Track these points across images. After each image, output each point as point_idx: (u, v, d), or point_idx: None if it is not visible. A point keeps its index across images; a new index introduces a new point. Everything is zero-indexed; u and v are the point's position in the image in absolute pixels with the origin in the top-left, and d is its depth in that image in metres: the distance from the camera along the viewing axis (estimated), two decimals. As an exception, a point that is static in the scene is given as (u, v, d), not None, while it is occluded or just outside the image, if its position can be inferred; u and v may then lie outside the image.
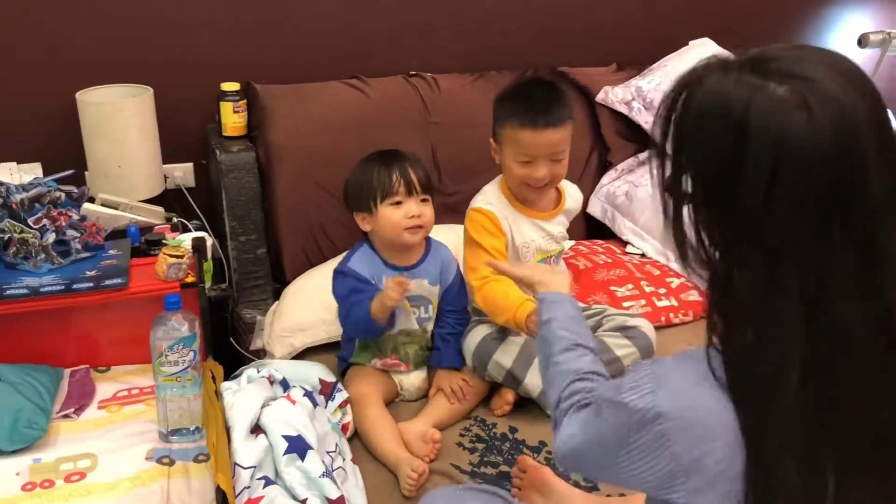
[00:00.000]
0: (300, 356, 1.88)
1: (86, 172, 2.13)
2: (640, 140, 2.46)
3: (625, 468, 0.90)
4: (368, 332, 1.69)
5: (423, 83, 2.32)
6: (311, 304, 1.91)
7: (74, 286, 1.64)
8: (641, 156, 2.48)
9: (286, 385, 1.61)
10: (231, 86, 2.16)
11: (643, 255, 2.30)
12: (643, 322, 1.79)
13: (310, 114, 2.17)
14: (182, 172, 2.31)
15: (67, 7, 2.11)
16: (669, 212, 0.88)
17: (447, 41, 2.45)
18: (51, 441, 1.56)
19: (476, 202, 1.76)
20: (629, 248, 2.33)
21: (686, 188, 0.86)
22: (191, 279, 1.70)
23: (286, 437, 1.43)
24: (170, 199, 2.26)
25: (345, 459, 1.54)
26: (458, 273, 1.80)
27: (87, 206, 1.90)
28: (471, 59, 2.43)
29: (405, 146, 1.81)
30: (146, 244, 1.86)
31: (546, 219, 1.81)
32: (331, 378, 1.69)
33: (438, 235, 1.82)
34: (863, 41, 2.68)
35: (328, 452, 1.49)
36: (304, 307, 1.93)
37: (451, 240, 1.86)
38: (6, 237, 1.68)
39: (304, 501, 1.35)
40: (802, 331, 0.79)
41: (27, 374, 1.64)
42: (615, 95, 2.45)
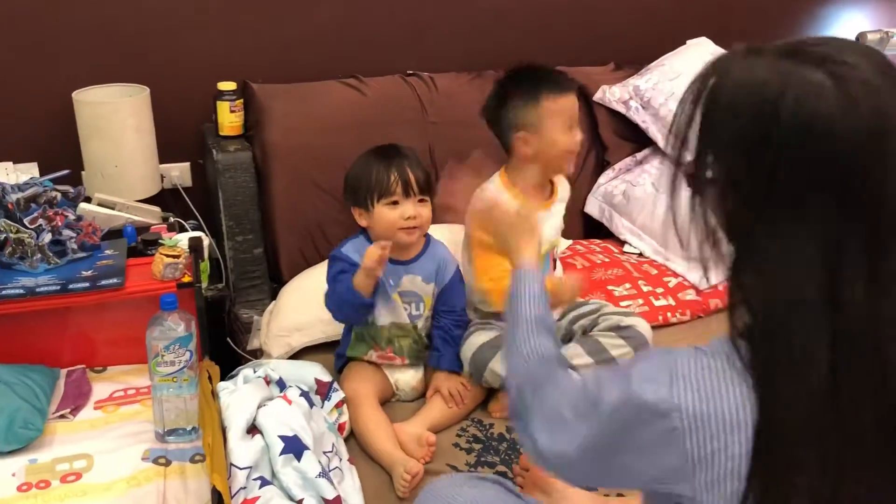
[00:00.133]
0: (297, 356, 1.87)
1: (82, 172, 2.12)
2: (638, 139, 2.46)
3: (621, 465, 0.88)
4: (352, 308, 1.68)
5: (421, 82, 2.31)
6: (309, 304, 1.90)
7: (70, 286, 1.64)
8: (639, 155, 2.48)
9: (283, 385, 1.61)
10: (228, 85, 2.15)
11: (640, 255, 2.30)
12: (639, 321, 1.78)
13: (307, 113, 2.17)
14: (179, 172, 2.30)
15: (64, 6, 2.10)
16: (689, 199, 0.87)
17: (445, 40, 2.45)
18: (47, 441, 1.56)
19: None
20: (626, 248, 2.33)
21: (711, 174, 0.84)
22: (187, 279, 1.70)
23: (282, 438, 1.43)
24: (166, 199, 2.25)
25: (341, 459, 1.54)
26: (456, 273, 1.79)
27: (84, 206, 1.90)
28: (468, 59, 2.42)
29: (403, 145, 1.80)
30: (143, 244, 1.86)
31: (547, 208, 1.83)
32: (327, 378, 1.69)
33: (434, 234, 1.81)
34: (861, 40, 2.68)
35: (325, 452, 1.49)
36: (302, 307, 1.92)
37: (446, 237, 1.86)
38: (2, 237, 1.67)
39: (301, 502, 1.35)
40: (829, 317, 0.77)
41: (23, 375, 1.64)
42: (613, 95, 2.44)
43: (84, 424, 1.62)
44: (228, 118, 2.16)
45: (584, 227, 2.45)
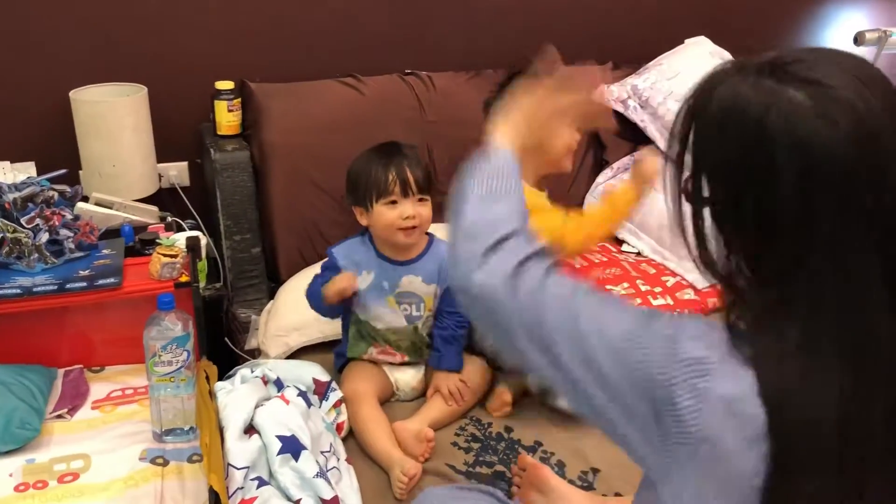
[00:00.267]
0: (295, 355, 1.87)
1: (80, 171, 2.12)
2: (636, 139, 2.46)
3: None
4: (319, 308, 1.73)
5: (419, 82, 2.31)
6: (306, 304, 1.90)
7: (68, 286, 1.63)
8: (637, 154, 2.48)
9: (280, 385, 1.61)
10: (225, 84, 2.15)
11: (639, 254, 2.30)
12: None
13: (305, 112, 2.16)
14: (176, 171, 2.30)
15: (61, 5, 2.09)
16: (686, 219, 0.86)
17: (443, 39, 2.44)
18: (44, 441, 1.56)
19: None
20: (625, 247, 2.33)
21: (705, 194, 0.84)
22: (185, 278, 1.70)
23: (280, 438, 1.43)
24: (164, 199, 2.25)
25: (339, 459, 1.54)
26: None
27: (81, 206, 1.89)
28: (466, 58, 2.42)
29: (400, 144, 1.80)
30: (140, 243, 1.85)
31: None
32: (325, 378, 1.68)
33: (438, 233, 1.81)
34: (859, 39, 2.68)
35: (322, 452, 1.49)
36: (299, 306, 1.91)
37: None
38: (-1, 237, 1.67)
39: (298, 502, 1.35)
40: (832, 332, 0.76)
41: (20, 375, 1.64)
42: (611, 94, 2.44)
43: (81, 424, 1.62)
44: (226, 117, 2.16)
45: (582, 227, 2.44)
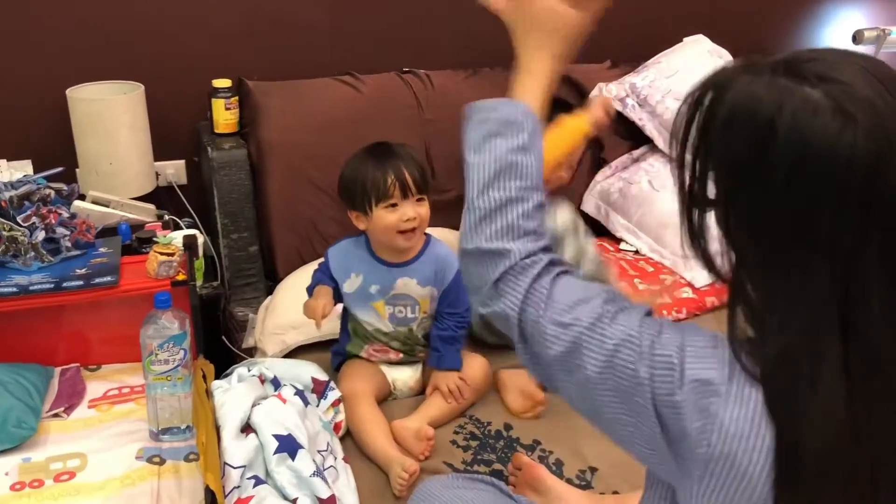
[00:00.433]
0: (292, 354, 1.87)
1: (76, 169, 2.11)
2: (635, 137, 2.46)
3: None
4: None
5: (417, 80, 2.30)
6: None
7: (64, 284, 1.63)
8: (636, 153, 2.48)
9: (277, 384, 1.60)
10: (223, 82, 2.15)
11: (637, 252, 2.29)
12: None
13: (302, 110, 2.16)
14: (174, 170, 2.29)
15: (58, 3, 2.09)
16: (694, 217, 0.85)
17: (441, 37, 2.44)
18: (40, 440, 1.56)
19: None
20: (623, 246, 2.33)
21: (711, 193, 0.82)
22: (182, 277, 1.69)
23: (276, 437, 1.42)
24: (161, 197, 2.24)
25: (336, 458, 1.53)
26: (458, 272, 1.75)
27: (78, 204, 1.89)
28: (465, 56, 2.42)
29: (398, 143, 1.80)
30: (137, 242, 1.85)
31: None
32: (323, 377, 1.68)
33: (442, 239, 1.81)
34: (857, 38, 2.68)
35: (319, 451, 1.48)
36: (298, 304, 1.90)
37: (446, 238, 1.85)
38: (-5, 235, 1.66)
39: (295, 501, 1.34)
40: (836, 341, 0.75)
41: (17, 373, 1.63)
42: (609, 92, 2.44)
43: (78, 423, 1.62)
44: (223, 115, 2.16)
45: (581, 225, 2.44)
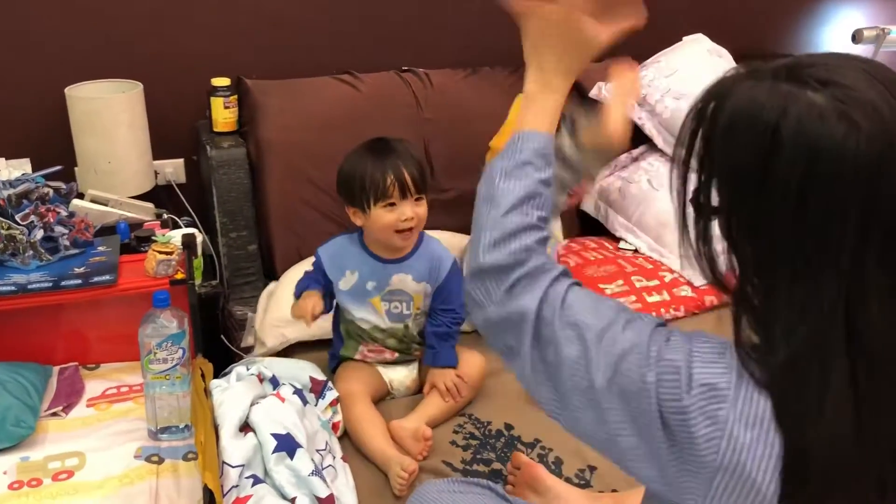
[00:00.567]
0: (291, 352, 1.86)
1: (75, 168, 2.11)
2: (634, 136, 2.45)
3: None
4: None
5: (416, 79, 2.30)
6: None
7: (63, 283, 1.63)
8: (635, 152, 2.47)
9: (276, 383, 1.60)
10: (221, 81, 2.14)
11: (636, 252, 2.29)
12: None
13: (301, 109, 2.16)
14: (172, 168, 2.29)
15: (57, 2, 2.09)
16: (694, 226, 0.84)
17: (440, 36, 2.43)
18: (39, 439, 1.55)
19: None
20: (622, 245, 2.32)
21: (713, 201, 0.81)
22: (180, 276, 1.69)
23: (275, 436, 1.42)
24: (160, 196, 2.24)
25: (335, 458, 1.53)
26: (453, 269, 1.74)
27: (77, 203, 1.89)
28: (464, 55, 2.41)
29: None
30: (136, 241, 1.85)
31: None
32: (321, 376, 1.68)
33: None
34: (857, 37, 2.67)
35: (318, 451, 1.48)
36: None
37: (443, 239, 1.85)
38: (-7, 234, 1.66)
39: (293, 500, 1.34)
40: (841, 347, 0.74)
41: (15, 372, 1.63)
42: (608, 91, 2.44)
43: (76, 422, 1.61)
44: (222, 114, 2.15)
45: (581, 225, 2.44)
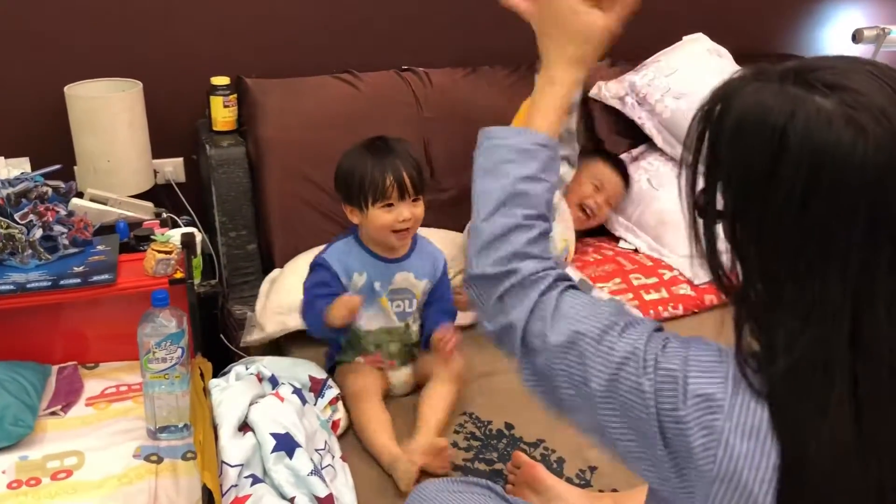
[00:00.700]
0: (291, 344, 1.87)
1: (74, 167, 2.11)
2: (634, 136, 2.46)
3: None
4: (322, 333, 1.65)
5: (416, 78, 2.30)
6: None
7: (62, 282, 1.62)
8: (635, 151, 2.47)
9: (275, 382, 1.60)
10: (221, 80, 2.14)
11: (636, 251, 2.29)
12: None
13: (301, 108, 2.15)
14: (172, 167, 2.29)
15: (56, 0, 2.08)
16: (699, 229, 0.83)
17: (439, 35, 2.43)
18: (38, 438, 1.55)
19: None
20: (622, 244, 2.32)
21: (719, 205, 0.81)
22: (179, 275, 1.69)
23: (274, 435, 1.42)
24: (159, 195, 2.24)
25: (334, 457, 1.53)
26: (444, 269, 1.77)
27: (76, 202, 1.88)
28: (463, 54, 2.41)
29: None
30: (135, 240, 1.84)
31: None
32: (321, 375, 1.67)
33: (437, 241, 1.81)
34: (857, 37, 2.67)
35: (317, 450, 1.48)
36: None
37: (450, 252, 1.86)
38: (-8, 233, 1.66)
39: (293, 500, 1.34)
40: (845, 354, 0.73)
41: (14, 371, 1.63)
42: (608, 90, 2.43)
43: (75, 421, 1.61)
44: (222, 113, 2.15)
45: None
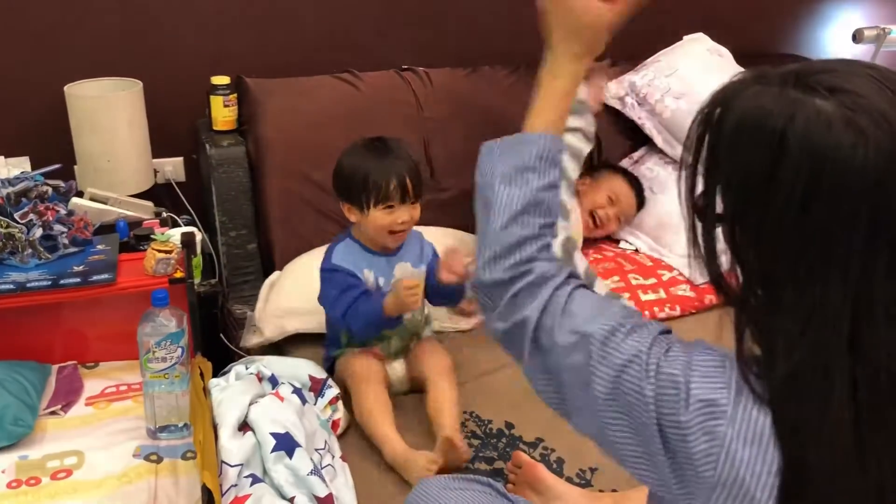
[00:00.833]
0: (290, 343, 1.87)
1: (74, 167, 2.11)
2: (634, 136, 2.46)
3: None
4: (377, 327, 1.69)
5: (416, 77, 2.30)
6: (310, 290, 1.84)
7: (62, 281, 1.62)
8: (635, 155, 2.48)
9: (275, 382, 1.60)
10: (221, 79, 2.14)
11: (636, 251, 2.29)
12: None
13: (301, 108, 2.15)
14: (172, 167, 2.29)
15: (56, 0, 2.09)
16: (698, 231, 0.83)
17: (439, 35, 2.43)
18: (37, 438, 1.55)
19: None
20: (622, 245, 2.32)
21: (718, 208, 0.81)
22: (179, 275, 1.69)
23: (274, 435, 1.42)
24: (159, 194, 2.24)
25: (334, 457, 1.53)
26: (434, 254, 1.79)
27: (76, 201, 1.88)
28: (463, 54, 2.41)
29: (397, 141, 1.80)
30: (135, 239, 1.84)
31: None
32: (321, 375, 1.67)
33: (437, 238, 1.82)
34: (857, 37, 2.68)
35: (317, 450, 1.48)
36: (303, 289, 1.87)
37: (446, 244, 1.85)
38: (-8, 232, 1.66)
39: (292, 500, 1.34)
40: (844, 359, 0.73)
41: (14, 371, 1.63)
42: (608, 91, 2.43)
43: (75, 421, 1.61)
44: (222, 113, 2.15)
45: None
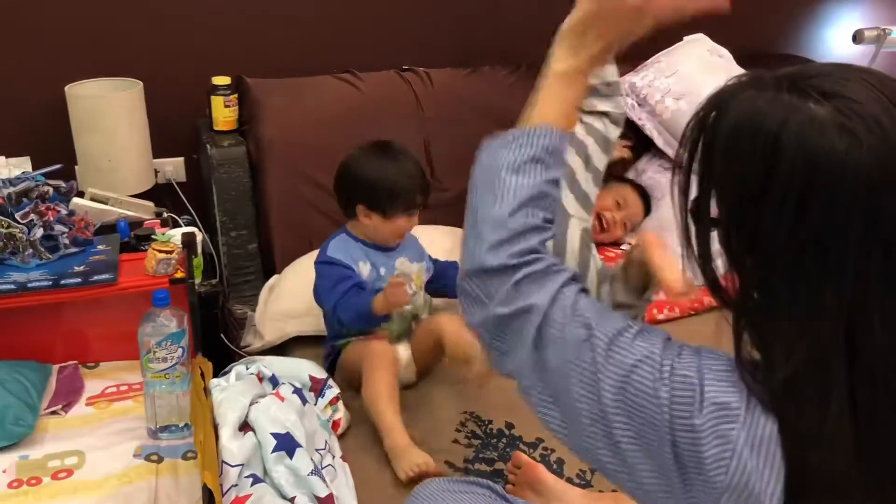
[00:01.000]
0: (290, 344, 1.87)
1: (75, 167, 2.11)
2: (634, 136, 2.45)
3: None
4: (367, 323, 1.71)
5: (416, 78, 2.30)
6: (309, 292, 1.86)
7: (62, 281, 1.62)
8: (638, 165, 2.47)
9: (275, 382, 1.60)
10: (222, 80, 2.14)
11: (636, 252, 2.29)
12: None
13: (302, 108, 2.16)
14: (173, 167, 2.29)
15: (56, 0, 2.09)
16: (692, 234, 0.83)
17: (440, 35, 2.44)
18: (38, 438, 1.55)
19: None
20: (624, 247, 2.32)
21: (713, 212, 0.80)
22: (180, 275, 1.69)
23: (274, 435, 1.42)
24: (160, 194, 2.24)
25: (334, 457, 1.53)
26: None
27: (77, 201, 1.88)
28: (463, 54, 2.42)
29: (398, 141, 1.80)
30: (135, 239, 1.84)
31: None
32: (321, 375, 1.68)
33: (437, 238, 1.82)
34: (857, 37, 2.68)
35: (317, 450, 1.48)
36: (302, 293, 1.88)
37: (447, 245, 1.86)
38: (-7, 232, 1.66)
39: (293, 500, 1.34)
40: (842, 364, 0.73)
41: (15, 371, 1.63)
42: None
43: (76, 421, 1.61)
44: (223, 113, 2.16)
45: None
